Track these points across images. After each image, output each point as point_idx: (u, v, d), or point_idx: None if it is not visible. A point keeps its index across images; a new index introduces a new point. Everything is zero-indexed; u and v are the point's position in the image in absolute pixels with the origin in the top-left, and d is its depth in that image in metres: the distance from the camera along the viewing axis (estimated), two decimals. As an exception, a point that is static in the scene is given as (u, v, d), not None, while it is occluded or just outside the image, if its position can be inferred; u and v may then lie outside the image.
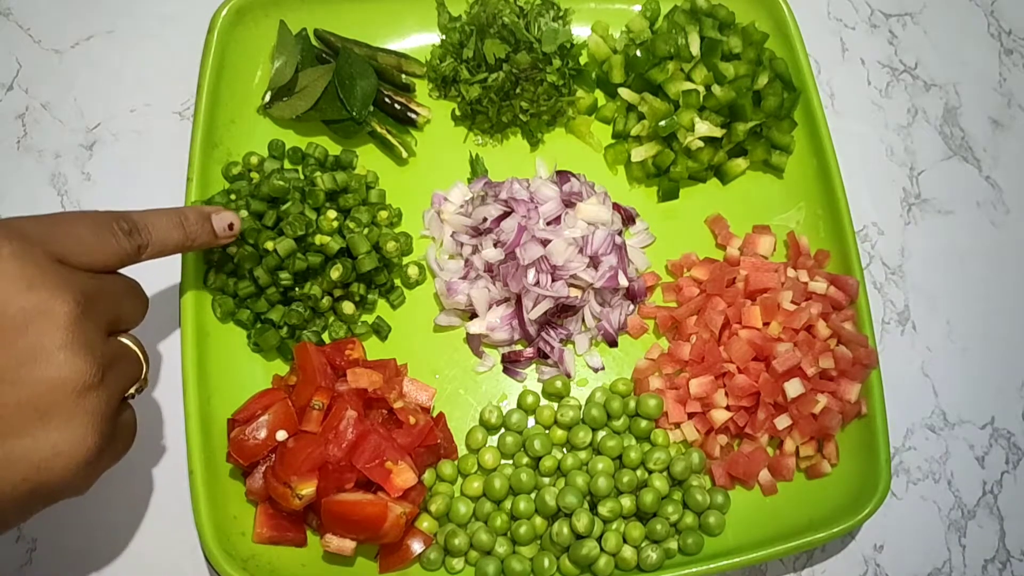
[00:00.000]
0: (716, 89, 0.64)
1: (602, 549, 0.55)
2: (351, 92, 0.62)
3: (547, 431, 0.60)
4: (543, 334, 0.61)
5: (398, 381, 0.58)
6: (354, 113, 0.62)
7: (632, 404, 0.60)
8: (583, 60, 0.68)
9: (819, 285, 0.61)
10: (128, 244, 0.43)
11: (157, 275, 0.60)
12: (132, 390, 0.43)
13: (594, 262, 0.61)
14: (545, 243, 0.59)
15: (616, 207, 0.64)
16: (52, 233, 0.39)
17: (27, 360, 0.36)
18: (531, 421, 0.60)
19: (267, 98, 0.63)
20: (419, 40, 0.67)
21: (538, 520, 0.56)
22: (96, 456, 0.38)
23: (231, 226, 0.51)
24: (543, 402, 0.61)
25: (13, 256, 0.36)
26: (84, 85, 0.66)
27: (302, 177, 0.61)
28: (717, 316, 0.60)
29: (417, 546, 0.54)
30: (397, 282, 0.62)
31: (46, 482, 0.37)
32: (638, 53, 0.65)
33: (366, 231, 0.58)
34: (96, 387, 0.38)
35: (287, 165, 0.63)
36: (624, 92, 0.66)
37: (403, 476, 0.52)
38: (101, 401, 0.38)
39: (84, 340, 0.38)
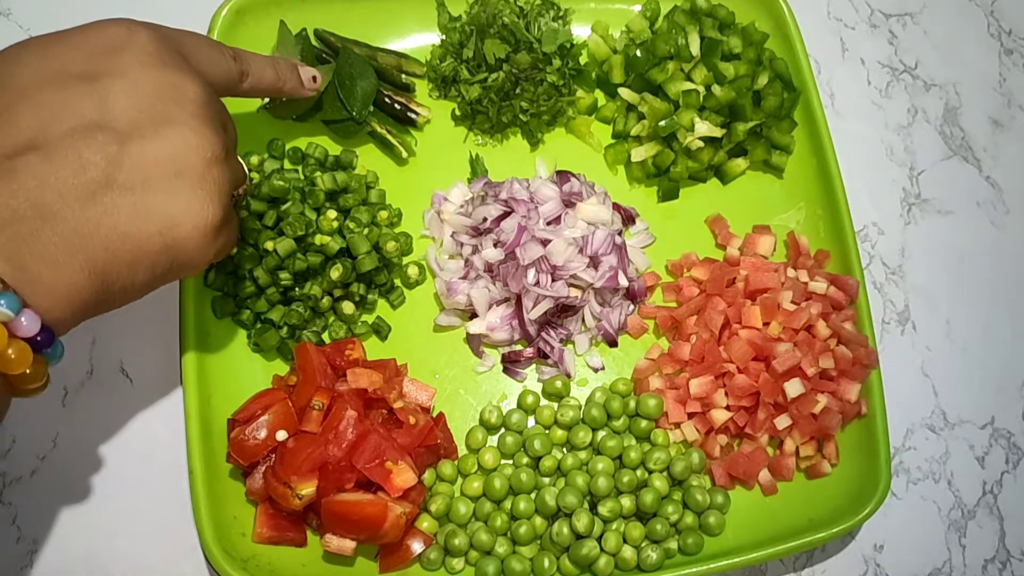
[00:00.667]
0: (716, 89, 0.64)
1: (602, 549, 0.55)
2: (351, 92, 0.62)
3: (547, 431, 0.60)
4: (543, 334, 0.61)
5: (398, 381, 0.58)
6: (354, 113, 0.62)
7: (632, 404, 0.60)
8: (583, 60, 0.68)
9: (819, 285, 0.61)
10: (235, 66, 0.47)
11: (157, 275, 0.60)
12: (240, 190, 0.45)
13: (594, 262, 0.61)
14: (545, 243, 0.59)
15: (616, 207, 0.64)
16: (180, 35, 0.43)
17: (163, 122, 0.38)
18: (531, 421, 0.60)
19: (267, 98, 0.63)
20: (419, 40, 0.67)
21: (538, 520, 0.56)
22: (216, 228, 0.40)
23: (314, 78, 0.55)
24: (543, 402, 0.61)
25: (150, 38, 0.40)
26: (84, 85, 0.66)
27: (302, 177, 0.61)
28: (717, 316, 0.60)
29: (417, 546, 0.54)
30: (397, 282, 0.62)
31: (175, 242, 0.38)
32: (638, 53, 0.65)
33: (366, 231, 0.58)
34: (222, 162, 0.40)
35: (287, 165, 0.63)
36: (624, 92, 0.66)
37: (403, 476, 0.52)
38: (224, 177, 0.40)
39: (213, 119, 0.40)
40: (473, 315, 0.61)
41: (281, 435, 0.52)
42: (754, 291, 0.61)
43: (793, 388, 0.58)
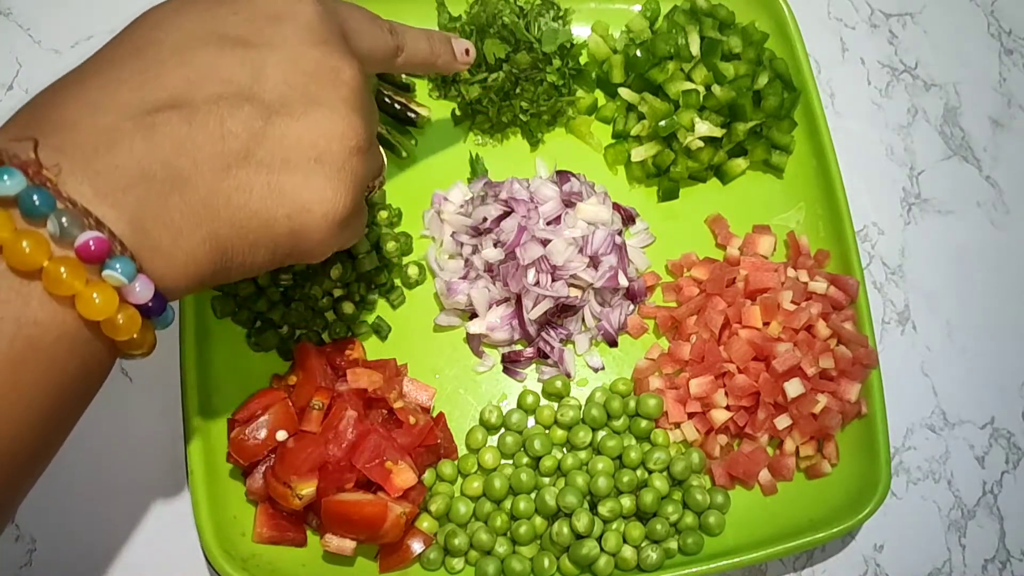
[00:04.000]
0: (716, 89, 0.64)
1: (602, 549, 0.55)
2: (351, 92, 0.62)
3: (547, 431, 0.60)
4: (543, 334, 0.61)
5: (398, 381, 0.58)
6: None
7: (632, 404, 0.60)
8: (583, 60, 0.68)
9: (819, 285, 0.61)
10: (391, 40, 0.45)
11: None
12: (375, 182, 0.43)
13: (594, 262, 0.61)
14: (545, 243, 0.59)
15: (616, 207, 0.64)
16: (342, 9, 0.41)
17: (313, 103, 0.36)
18: (531, 421, 0.60)
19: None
20: (419, 40, 0.67)
21: (538, 520, 0.56)
22: (345, 219, 0.38)
23: (467, 51, 0.52)
24: (543, 402, 0.61)
25: (316, 13, 0.38)
26: (84, 85, 0.66)
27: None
28: (717, 316, 0.60)
29: (417, 546, 0.54)
30: (397, 282, 0.62)
31: (302, 227, 0.36)
32: (638, 53, 0.65)
33: (366, 231, 0.58)
34: (364, 152, 0.38)
35: (287, 165, 0.63)
36: (624, 92, 0.66)
37: (403, 476, 0.52)
38: (362, 168, 0.38)
39: (362, 107, 0.38)
40: (473, 315, 0.61)
41: (281, 435, 0.52)
42: (754, 291, 0.61)
43: (793, 388, 0.58)
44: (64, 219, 0.30)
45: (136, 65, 0.34)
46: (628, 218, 0.64)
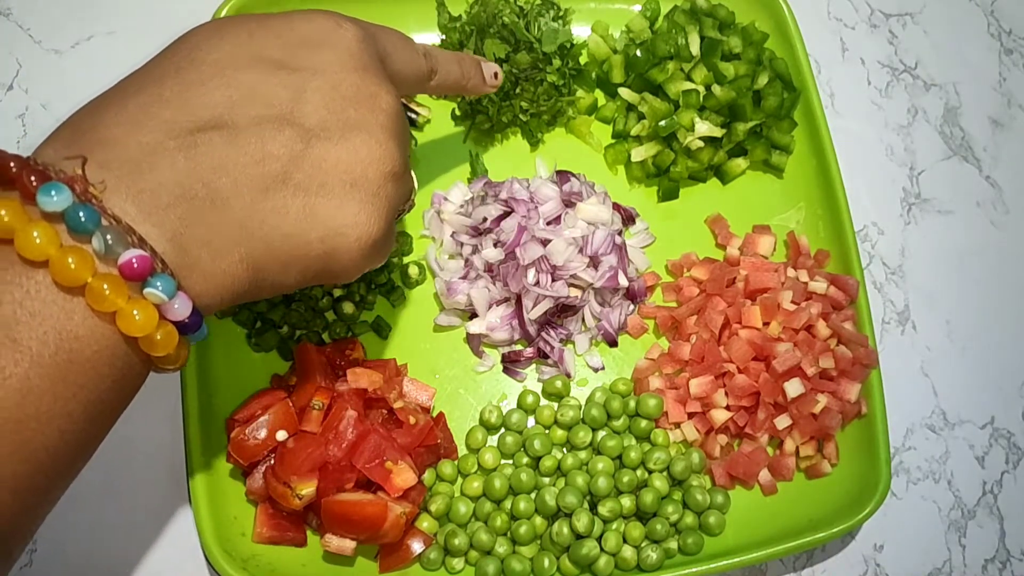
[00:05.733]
0: (716, 89, 0.64)
1: (602, 549, 0.55)
2: (351, 92, 0.62)
3: (547, 431, 0.60)
4: (543, 334, 0.61)
5: (398, 381, 0.58)
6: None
7: (632, 404, 0.60)
8: (583, 60, 0.68)
9: (819, 285, 0.61)
10: (425, 64, 0.46)
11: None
12: (405, 206, 0.44)
13: (594, 262, 0.61)
14: (545, 243, 0.59)
15: (616, 207, 0.64)
16: (380, 33, 0.41)
17: (351, 128, 0.37)
18: (531, 421, 0.60)
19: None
20: (419, 40, 0.67)
21: (538, 520, 0.56)
22: (376, 244, 0.38)
23: (496, 75, 0.53)
24: (543, 402, 0.61)
25: (356, 38, 0.38)
26: (84, 85, 0.66)
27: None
28: (717, 316, 0.60)
29: (417, 546, 0.54)
30: (397, 282, 0.62)
31: (333, 251, 0.37)
32: (638, 53, 0.65)
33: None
34: (398, 178, 0.39)
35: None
36: (624, 92, 0.66)
37: (403, 476, 0.52)
38: (395, 193, 0.39)
39: (399, 133, 0.39)
40: (473, 315, 0.61)
41: (281, 435, 0.52)
42: (754, 291, 0.61)
43: (793, 388, 0.58)
44: (109, 236, 0.31)
45: (178, 84, 0.34)
46: (628, 218, 0.64)
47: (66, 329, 0.30)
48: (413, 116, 0.65)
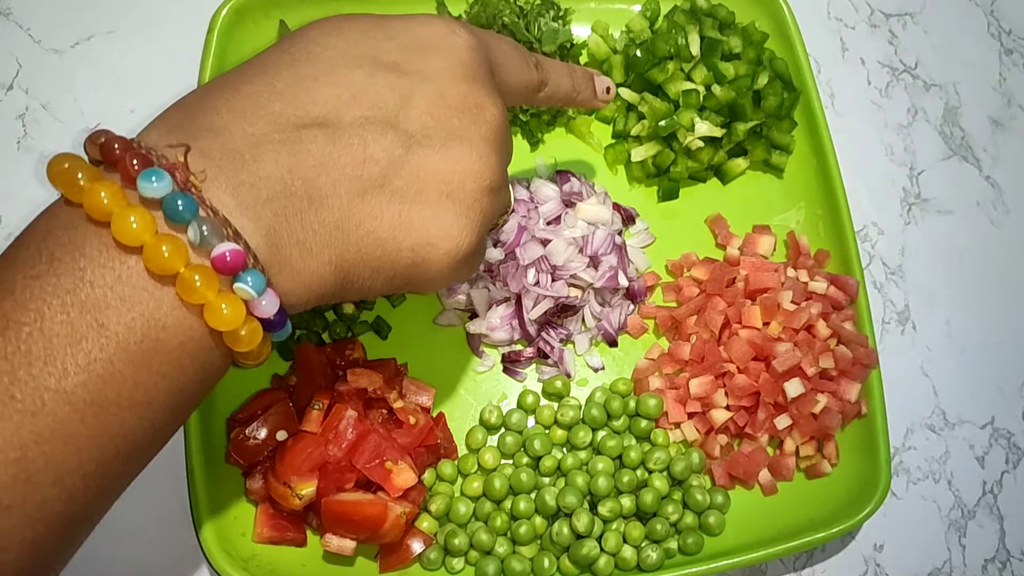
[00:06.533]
0: (716, 89, 0.64)
1: (602, 549, 0.55)
2: (351, 92, 0.62)
3: (547, 431, 0.60)
4: (543, 334, 0.61)
5: (398, 381, 0.58)
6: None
7: (632, 404, 0.60)
8: (583, 60, 0.68)
9: (819, 285, 0.61)
10: (535, 75, 0.44)
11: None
12: (500, 220, 0.44)
13: (594, 262, 0.61)
14: (545, 243, 0.59)
15: (616, 207, 0.64)
16: (493, 42, 0.41)
17: (453, 138, 0.36)
18: (531, 421, 0.60)
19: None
20: (419, 40, 0.67)
21: (538, 520, 0.56)
22: (466, 257, 0.37)
23: (608, 90, 0.51)
24: (543, 402, 0.61)
25: (468, 47, 0.38)
26: (84, 85, 0.66)
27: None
28: (717, 316, 0.60)
29: (417, 546, 0.54)
30: (397, 282, 0.62)
31: (423, 261, 0.36)
32: (638, 53, 0.65)
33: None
34: (496, 192, 0.38)
35: (287, 165, 0.63)
36: (624, 92, 0.66)
37: (403, 476, 0.52)
38: (491, 208, 0.38)
39: (502, 148, 0.39)
40: (473, 315, 0.61)
41: (281, 435, 0.52)
42: (754, 291, 0.61)
43: (793, 388, 0.58)
44: (205, 227, 0.30)
45: (291, 76, 0.34)
46: (628, 218, 0.64)
47: (154, 317, 0.30)
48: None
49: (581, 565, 0.55)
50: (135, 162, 0.30)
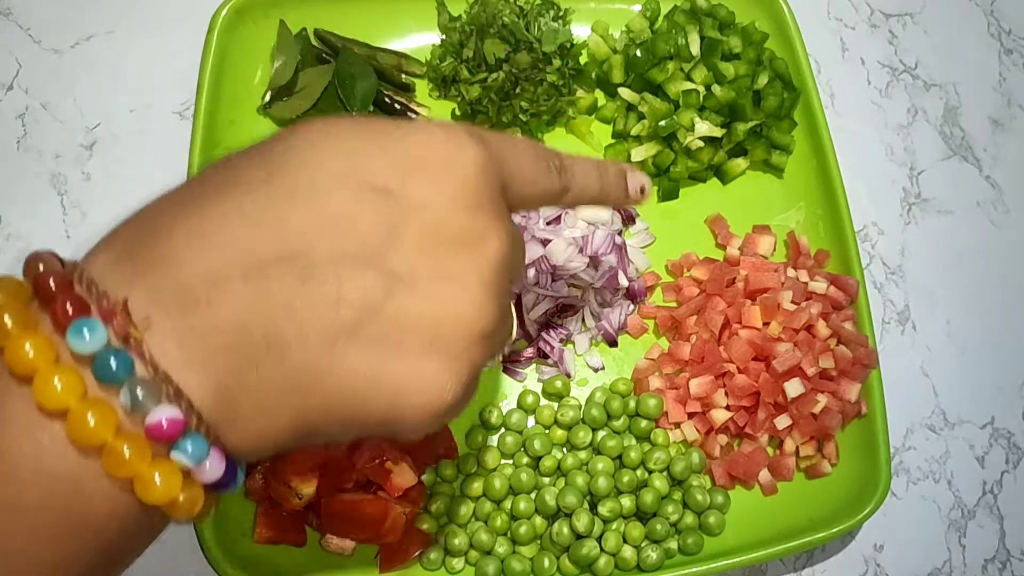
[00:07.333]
0: (716, 89, 0.64)
1: (602, 549, 0.55)
2: (351, 92, 0.62)
3: (547, 431, 0.60)
4: (543, 334, 0.61)
5: (398, 381, 0.58)
6: (354, 113, 0.62)
7: (632, 404, 0.60)
8: (583, 60, 0.68)
9: (819, 285, 0.61)
10: (557, 183, 0.38)
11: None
12: (499, 357, 0.39)
13: (594, 262, 0.61)
14: (545, 243, 0.59)
15: (616, 207, 0.64)
16: (508, 152, 0.35)
17: (443, 278, 0.31)
18: (531, 421, 0.60)
19: (267, 98, 0.63)
20: (419, 40, 0.67)
21: (538, 520, 0.56)
22: (448, 411, 0.32)
23: (642, 189, 0.45)
24: (543, 402, 0.61)
25: (476, 166, 0.32)
26: (84, 85, 0.66)
27: (302, 177, 0.61)
28: (717, 316, 0.60)
29: (417, 546, 0.54)
30: (397, 282, 0.62)
31: (399, 416, 0.31)
32: (638, 53, 0.65)
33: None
34: (488, 339, 0.33)
35: (287, 165, 0.63)
36: (624, 92, 0.66)
37: (403, 476, 0.52)
38: (484, 356, 0.33)
39: (500, 286, 0.33)
40: (473, 315, 0.61)
41: (281, 435, 0.52)
42: (754, 291, 0.61)
43: (793, 388, 0.57)
44: (139, 390, 0.26)
45: (263, 198, 0.29)
46: (628, 218, 0.64)
47: (77, 491, 0.27)
48: (413, 116, 0.65)
49: (581, 565, 0.55)
50: (68, 307, 0.27)
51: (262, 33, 0.64)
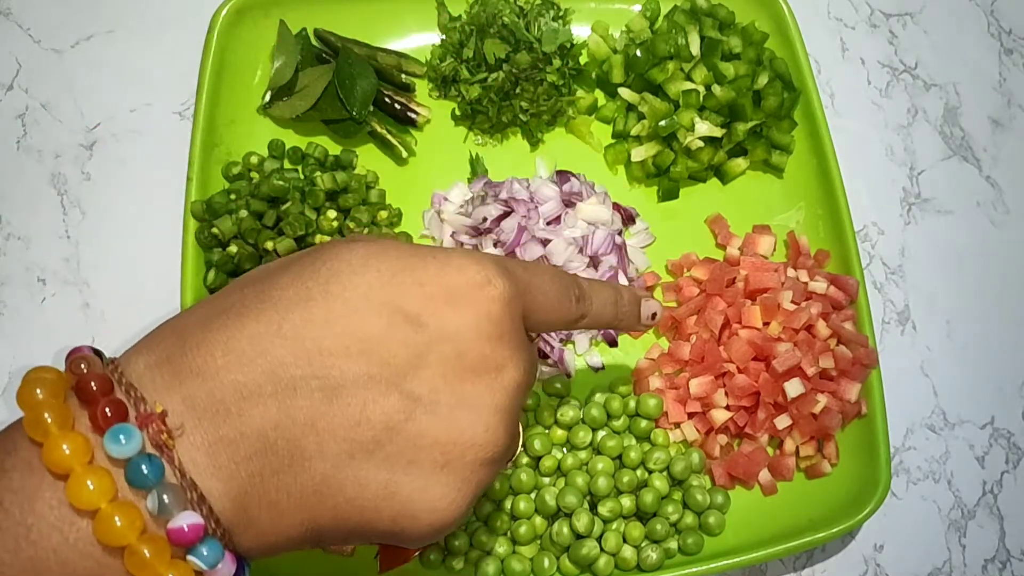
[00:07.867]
0: (716, 89, 0.64)
1: (602, 549, 0.55)
2: (351, 92, 0.62)
3: (547, 431, 0.60)
4: (543, 334, 0.61)
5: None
6: (354, 113, 0.62)
7: (632, 404, 0.60)
8: (583, 60, 0.68)
9: (819, 285, 0.61)
10: (575, 311, 0.40)
11: (157, 274, 0.60)
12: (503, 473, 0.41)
13: (594, 262, 0.61)
14: (545, 243, 0.59)
15: (616, 207, 0.64)
16: (532, 283, 0.37)
17: (461, 405, 0.33)
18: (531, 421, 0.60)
19: (267, 98, 0.64)
20: (419, 40, 0.67)
21: (538, 520, 0.56)
22: (450, 527, 0.34)
23: (653, 316, 0.46)
24: (543, 402, 0.61)
25: (501, 301, 0.34)
26: (84, 85, 0.66)
27: (302, 177, 0.61)
28: (717, 316, 0.60)
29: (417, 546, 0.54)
30: (397, 282, 0.62)
31: (403, 531, 0.33)
32: (638, 53, 0.65)
33: (366, 231, 0.58)
34: (496, 463, 0.35)
35: (287, 165, 0.63)
36: (624, 92, 0.66)
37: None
38: (488, 478, 0.35)
39: (514, 414, 0.35)
40: (473, 315, 0.61)
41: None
42: (754, 291, 0.61)
43: (793, 388, 0.58)
44: (166, 496, 0.28)
45: (300, 319, 0.31)
46: (628, 218, 0.64)
47: None
48: (413, 116, 0.65)
49: (581, 565, 0.55)
50: (108, 411, 0.28)
51: (262, 33, 0.64)
